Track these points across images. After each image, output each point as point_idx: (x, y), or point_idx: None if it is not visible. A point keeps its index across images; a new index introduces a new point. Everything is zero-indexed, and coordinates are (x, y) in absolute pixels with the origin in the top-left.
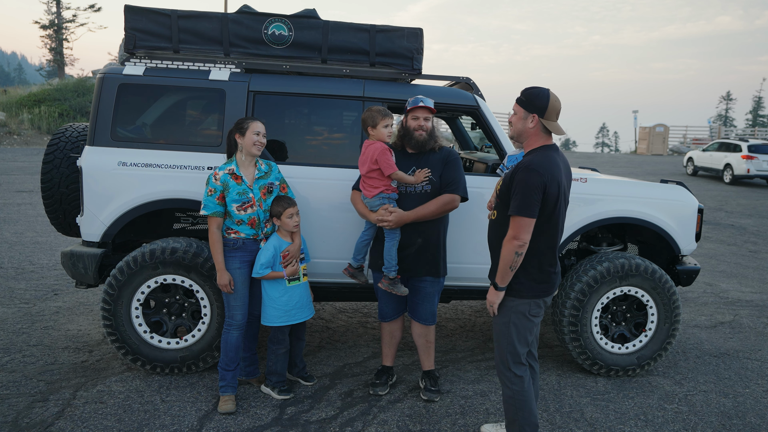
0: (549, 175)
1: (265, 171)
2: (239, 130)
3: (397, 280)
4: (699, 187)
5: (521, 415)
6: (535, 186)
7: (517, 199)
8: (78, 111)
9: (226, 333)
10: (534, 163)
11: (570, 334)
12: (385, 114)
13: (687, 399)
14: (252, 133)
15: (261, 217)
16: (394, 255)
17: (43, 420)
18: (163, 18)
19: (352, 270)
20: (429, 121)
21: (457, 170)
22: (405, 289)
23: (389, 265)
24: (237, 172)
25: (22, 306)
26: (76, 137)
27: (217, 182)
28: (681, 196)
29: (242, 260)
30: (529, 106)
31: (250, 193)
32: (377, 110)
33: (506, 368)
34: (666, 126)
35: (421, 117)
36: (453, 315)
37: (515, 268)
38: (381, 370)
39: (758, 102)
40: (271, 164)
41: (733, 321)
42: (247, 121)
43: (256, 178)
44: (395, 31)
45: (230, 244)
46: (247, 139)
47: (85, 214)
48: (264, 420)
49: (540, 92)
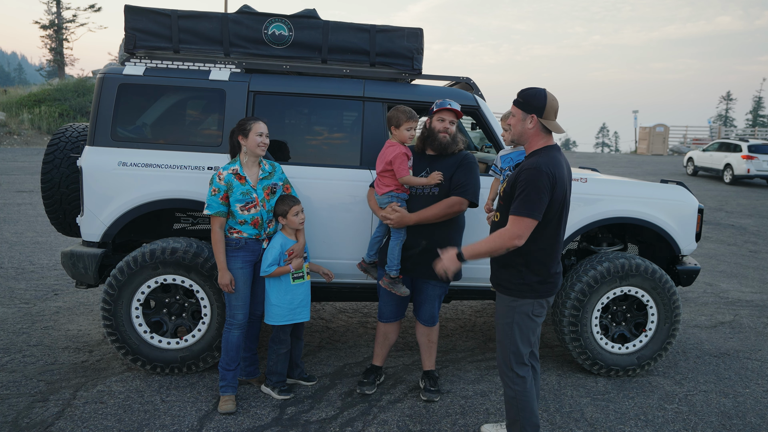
0: (556, 176)
1: (269, 171)
2: (242, 132)
3: (398, 279)
4: (699, 187)
5: (523, 415)
6: (544, 187)
7: (524, 199)
8: (78, 111)
9: (227, 332)
10: (542, 164)
11: (570, 334)
12: (410, 116)
13: (687, 399)
14: (255, 134)
15: (264, 217)
16: (397, 254)
17: (43, 420)
18: (163, 18)
19: (365, 265)
20: (454, 125)
21: (470, 174)
22: (405, 289)
23: (391, 264)
24: (241, 173)
25: (23, 306)
26: (76, 137)
27: (221, 182)
28: (681, 196)
29: (244, 260)
30: (526, 107)
31: (254, 194)
32: (403, 111)
33: (509, 369)
34: (666, 126)
35: (447, 120)
36: (453, 315)
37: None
38: (369, 369)
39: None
40: (274, 164)
41: (733, 321)
42: (249, 121)
43: (260, 178)
44: (395, 31)
45: (233, 243)
46: (250, 140)
47: (85, 214)
48: (264, 420)
49: (536, 92)
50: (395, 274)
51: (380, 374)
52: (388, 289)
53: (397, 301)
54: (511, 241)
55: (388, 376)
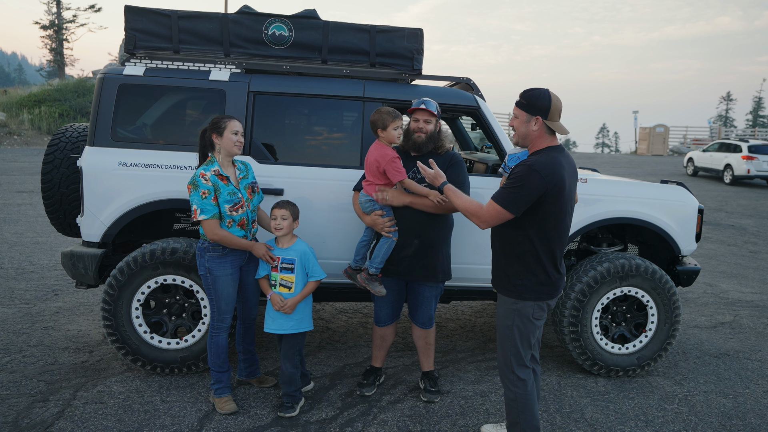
0: (551, 177)
1: (245, 171)
2: (216, 130)
3: (376, 277)
4: (699, 188)
5: (523, 417)
6: (532, 186)
7: (508, 190)
8: (78, 111)
9: (216, 336)
10: (537, 163)
11: (570, 335)
12: (395, 116)
13: (687, 399)
14: (230, 132)
15: (249, 217)
16: (384, 253)
17: (43, 420)
18: (163, 18)
19: (351, 271)
20: (430, 124)
21: (460, 173)
22: (382, 288)
23: (374, 261)
24: (222, 173)
25: (23, 306)
26: (76, 137)
27: (208, 183)
28: (681, 196)
29: (233, 265)
30: (531, 109)
31: (239, 194)
32: (386, 112)
33: (509, 371)
34: (666, 126)
35: (421, 119)
36: (453, 315)
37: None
38: (369, 370)
39: (758, 102)
40: (245, 163)
41: (733, 321)
42: (223, 120)
43: (240, 178)
44: (395, 31)
45: (220, 248)
46: (225, 139)
47: (86, 215)
48: (264, 420)
49: (541, 93)
50: (374, 271)
51: (380, 375)
52: (363, 285)
53: (393, 304)
54: (477, 218)
55: (388, 376)
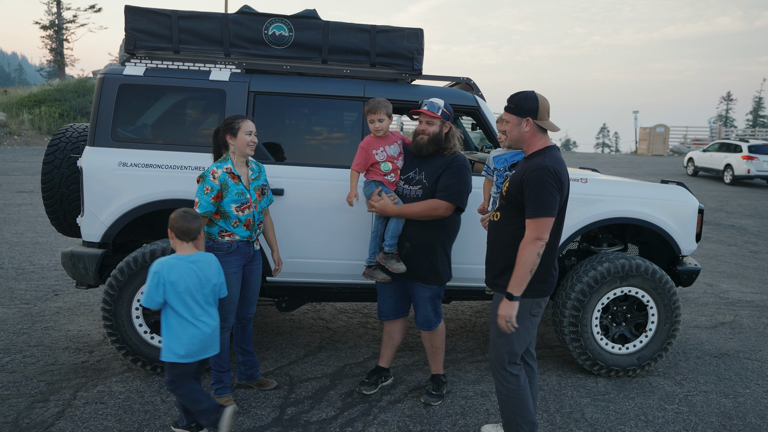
0: (562, 175)
1: (258, 172)
2: (230, 131)
3: (393, 255)
4: (699, 188)
5: (518, 413)
6: (554, 185)
7: (537, 200)
8: (78, 111)
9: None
10: (547, 163)
11: (570, 335)
12: (370, 108)
13: (687, 399)
14: (244, 133)
15: (256, 218)
16: (394, 228)
17: (43, 420)
18: (163, 18)
19: (369, 271)
20: (432, 126)
21: (456, 177)
22: (400, 265)
23: (387, 239)
24: (234, 172)
25: (23, 306)
26: (76, 138)
27: (216, 181)
28: (681, 196)
29: (237, 264)
30: (520, 111)
31: (248, 194)
32: (367, 102)
33: (502, 368)
34: (666, 126)
35: (423, 121)
36: (453, 315)
37: (534, 271)
38: (374, 369)
39: (758, 102)
40: (260, 165)
41: (733, 321)
42: (237, 120)
43: (251, 179)
44: (396, 31)
45: (224, 248)
46: (239, 139)
47: (86, 215)
48: (264, 420)
49: (527, 95)
50: (389, 249)
51: (384, 376)
52: (381, 263)
53: (394, 299)
54: (535, 243)
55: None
